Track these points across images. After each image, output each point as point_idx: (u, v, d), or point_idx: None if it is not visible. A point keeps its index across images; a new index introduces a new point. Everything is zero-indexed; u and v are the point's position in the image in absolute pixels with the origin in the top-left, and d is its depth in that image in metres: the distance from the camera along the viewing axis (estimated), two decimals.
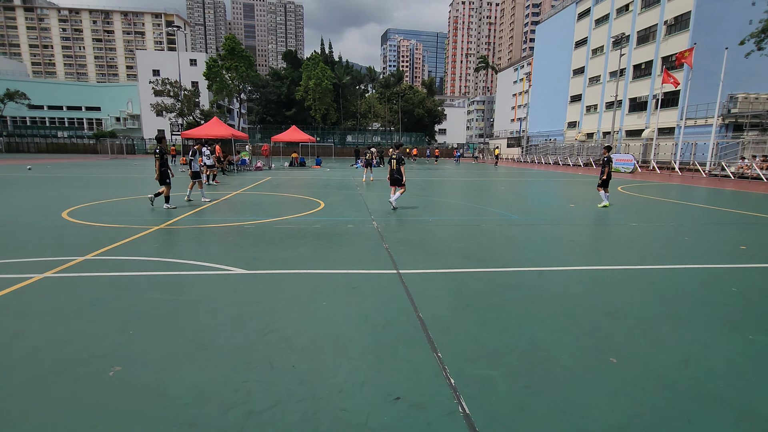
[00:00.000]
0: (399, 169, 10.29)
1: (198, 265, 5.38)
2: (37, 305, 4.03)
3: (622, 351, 3.27)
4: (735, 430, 2.37)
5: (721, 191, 17.26)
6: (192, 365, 2.96)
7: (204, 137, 27.80)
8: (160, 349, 3.18)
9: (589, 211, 10.88)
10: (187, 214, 9.37)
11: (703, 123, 34.95)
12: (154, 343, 3.29)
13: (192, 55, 74.58)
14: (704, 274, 5.43)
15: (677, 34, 39.01)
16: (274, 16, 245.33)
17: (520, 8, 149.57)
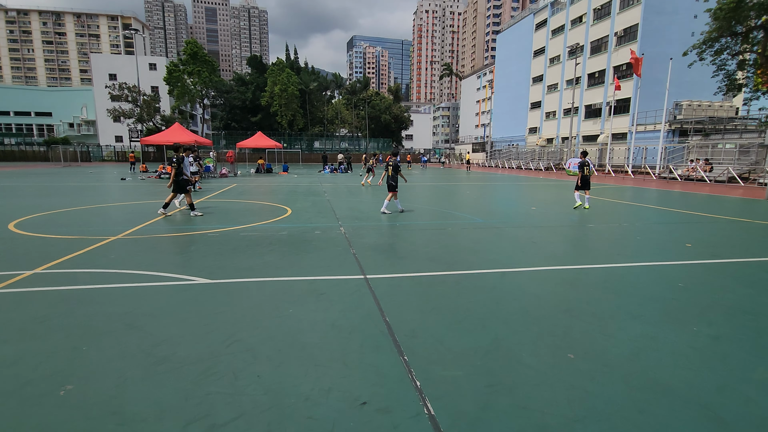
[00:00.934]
0: (395, 176, 10.65)
1: (158, 276, 5.19)
2: None
3: (579, 347, 3.42)
4: (680, 417, 2.53)
5: (669, 193, 18.35)
6: (150, 380, 2.85)
7: (165, 143, 26.95)
8: (116, 365, 3.05)
9: (550, 214, 11.31)
10: (147, 223, 9.02)
11: (652, 129, 37.11)
12: (108, 359, 3.15)
13: (151, 59, 72.15)
14: (654, 271, 5.76)
15: (627, 44, 41.34)
16: (238, 20, 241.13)
17: (482, 18, 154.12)
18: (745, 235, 8.64)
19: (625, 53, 41.17)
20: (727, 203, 14.35)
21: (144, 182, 21.51)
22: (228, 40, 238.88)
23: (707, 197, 16.37)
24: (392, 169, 10.67)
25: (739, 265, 6.07)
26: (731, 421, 2.48)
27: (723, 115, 34.79)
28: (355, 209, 11.79)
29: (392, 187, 10.71)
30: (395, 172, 10.69)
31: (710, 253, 6.75)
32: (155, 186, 19.16)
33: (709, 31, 28.74)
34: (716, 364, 3.17)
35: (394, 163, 10.74)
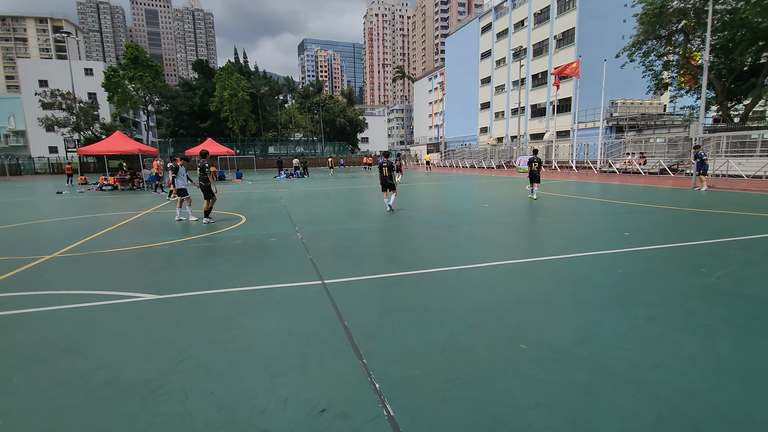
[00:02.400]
0: (391, 175, 11.34)
1: (100, 295, 4.87)
2: None
3: (530, 337, 3.56)
4: (622, 395, 2.70)
5: (609, 185, 19.58)
6: (92, 407, 2.66)
7: (105, 153, 25.36)
8: (51, 394, 2.82)
9: (502, 210, 11.72)
10: (88, 238, 8.43)
11: (592, 126, 39.47)
12: (42, 388, 2.91)
13: (87, 63, 67.57)
14: (596, 259, 6.12)
15: (565, 47, 43.75)
16: (182, 23, 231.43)
17: (430, 21, 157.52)
18: (675, 222, 9.38)
19: (565, 55, 43.56)
20: (660, 193, 15.52)
21: (83, 195, 20.10)
22: (172, 43, 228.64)
23: (642, 188, 17.62)
24: (387, 170, 11.29)
25: (670, 250, 6.58)
26: (667, 395, 2.68)
27: (653, 111, 37.67)
28: (312, 214, 11.65)
29: (391, 186, 11.41)
30: (390, 171, 11.32)
31: (646, 240, 7.27)
32: (96, 199, 17.97)
33: (637, 35, 31.03)
34: (652, 343, 3.41)
35: (389, 164, 11.36)
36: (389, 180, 11.34)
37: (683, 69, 31.52)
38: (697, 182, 16.83)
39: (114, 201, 16.90)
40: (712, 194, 14.67)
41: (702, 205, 11.81)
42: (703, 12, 25.84)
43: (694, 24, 28.40)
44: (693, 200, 13.09)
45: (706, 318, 3.89)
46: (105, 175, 25.33)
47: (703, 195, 14.48)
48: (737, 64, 28.59)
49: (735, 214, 10.07)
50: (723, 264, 5.67)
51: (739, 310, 4.06)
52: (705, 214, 10.27)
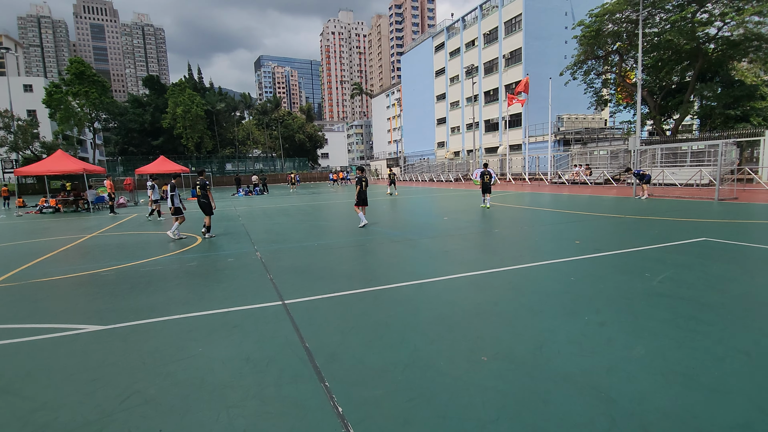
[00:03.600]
0: (365, 190, 11.54)
1: (36, 329, 4.48)
2: None
3: (490, 348, 3.62)
4: (578, 402, 2.79)
5: (559, 196, 20.56)
6: None
7: (46, 173, 23.68)
8: None
9: (461, 223, 11.98)
10: (24, 266, 7.76)
11: (541, 140, 41.51)
12: None
13: (26, 79, 63.47)
14: (550, 268, 6.36)
15: (514, 66, 46.05)
16: (130, 38, 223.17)
17: (386, 40, 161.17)
18: (620, 229, 9.96)
19: (514, 73, 45.80)
20: (605, 202, 16.48)
21: (21, 219, 18.59)
22: (120, 58, 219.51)
23: (589, 198, 18.64)
24: (365, 184, 11.53)
25: (617, 256, 6.96)
26: (617, 398, 2.80)
27: (595, 126, 40.20)
28: (271, 232, 11.38)
29: (365, 201, 11.56)
30: (366, 186, 11.57)
31: (594, 248, 7.66)
32: (36, 222, 16.67)
33: (577, 55, 33.25)
34: (604, 348, 3.57)
35: (366, 179, 11.68)
36: (364, 195, 11.44)
37: (620, 86, 34.04)
38: (638, 191, 18.03)
39: (56, 224, 15.75)
40: (651, 202, 15.75)
41: (643, 213, 12.64)
42: (635, 35, 28.13)
43: (628, 45, 30.86)
44: (635, 208, 13.98)
45: (650, 320, 4.12)
46: (46, 197, 23.61)
47: (643, 203, 15.51)
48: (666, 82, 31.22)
49: (672, 220, 10.85)
50: (664, 268, 6.06)
51: (680, 311, 4.33)
52: (646, 221, 10.99)
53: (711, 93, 28.04)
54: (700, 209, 13.01)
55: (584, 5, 39.88)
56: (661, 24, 28.61)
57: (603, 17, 29.76)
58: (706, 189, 20.20)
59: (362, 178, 11.55)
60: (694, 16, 26.16)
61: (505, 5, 46.55)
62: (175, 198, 10.92)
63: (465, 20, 54.74)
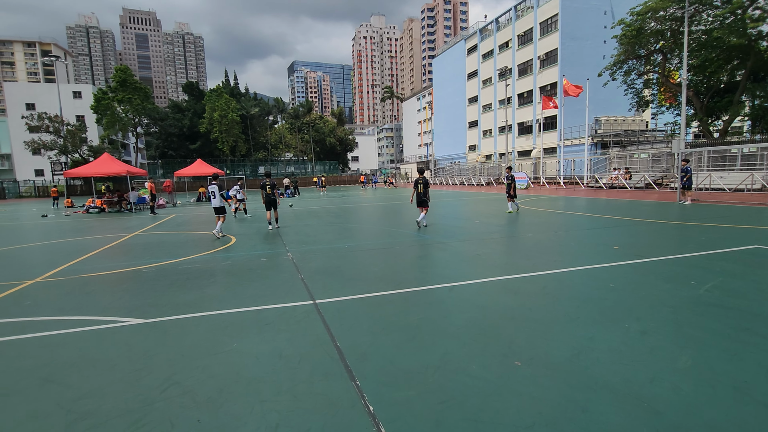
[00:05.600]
0: (426, 192, 11.43)
1: (82, 320, 4.73)
2: None
3: (524, 353, 3.52)
4: (619, 411, 2.66)
5: (596, 200, 19.85)
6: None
7: (93, 175, 25.09)
8: (30, 427, 2.69)
9: (492, 227, 11.77)
10: (72, 262, 8.24)
11: (577, 143, 40.28)
12: (18, 421, 2.78)
13: (76, 87, 67.60)
14: (587, 274, 6.13)
15: (549, 67, 44.97)
16: (171, 47, 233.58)
17: (417, 43, 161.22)
18: (662, 235, 9.50)
19: (549, 74, 44.73)
20: (646, 207, 15.77)
21: (69, 218, 19.76)
22: (162, 66, 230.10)
23: (629, 203, 17.89)
24: (423, 186, 11.42)
25: (659, 263, 6.63)
26: (663, 410, 2.65)
27: (636, 128, 38.61)
28: (302, 233, 11.57)
29: (424, 203, 11.52)
30: (425, 188, 11.46)
31: (634, 254, 7.33)
32: (82, 221, 17.68)
33: (617, 55, 32.05)
34: (646, 357, 3.40)
35: (424, 180, 11.51)
36: (423, 197, 11.45)
37: (663, 87, 32.56)
38: (681, 196, 17.16)
39: (100, 223, 16.63)
40: (696, 207, 14.95)
41: (687, 219, 12.01)
42: (680, 33, 26.86)
43: (672, 44, 29.48)
44: (678, 214, 13.30)
45: (697, 330, 3.90)
46: (92, 198, 24.99)
47: (687, 208, 14.74)
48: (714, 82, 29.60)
49: (720, 227, 10.24)
50: (711, 276, 5.73)
51: (730, 322, 4.07)
52: (691, 227, 10.43)
53: (764, 93, 26.38)
54: (752, 215, 12.23)
55: (625, 4, 38.52)
56: (709, 21, 27.21)
57: (645, 15, 28.60)
58: (759, 194, 18.98)
59: (419, 180, 11.53)
60: (745, 12, 24.73)
61: (540, 6, 45.62)
62: (214, 198, 11.29)
63: (499, 22, 54.04)
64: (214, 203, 11.25)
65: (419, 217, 11.71)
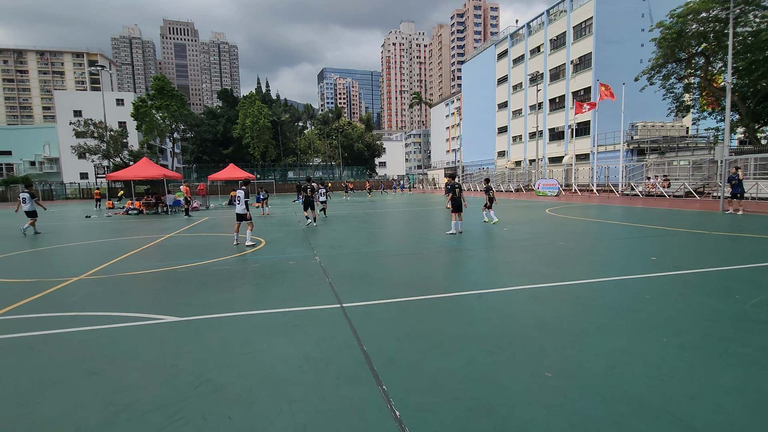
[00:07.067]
0: (461, 196, 11.63)
1: (121, 317, 4.95)
2: None
3: (554, 364, 3.44)
4: (655, 428, 2.55)
5: (632, 209, 19.13)
6: (110, 430, 2.67)
7: (132, 179, 26.30)
8: (72, 417, 2.84)
9: (522, 234, 11.54)
10: (112, 261, 8.65)
11: (612, 149, 39.00)
12: (64, 410, 2.94)
13: (119, 94, 71.15)
14: (622, 285, 5.92)
15: (582, 72, 43.87)
16: (207, 55, 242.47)
17: (446, 49, 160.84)
18: (704, 246, 9.05)
19: (583, 79, 43.64)
20: (686, 216, 15.06)
21: (110, 219, 20.76)
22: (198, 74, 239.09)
23: (667, 212, 17.14)
24: (458, 191, 11.62)
25: (700, 276, 6.32)
26: (702, 429, 2.52)
27: (675, 134, 37.02)
28: (330, 238, 11.71)
29: (460, 207, 11.55)
30: (461, 192, 11.67)
31: (672, 265, 7.02)
32: (122, 222, 18.52)
33: (656, 58, 30.89)
34: (685, 372, 3.24)
35: (459, 185, 11.74)
36: (461, 201, 11.55)
37: (705, 91, 31.10)
38: (726, 205, 16.29)
39: (139, 225, 17.38)
40: (743, 217, 14.15)
41: (733, 229, 11.39)
42: (724, 35, 25.66)
43: (715, 47, 28.17)
44: (722, 224, 12.64)
45: (741, 347, 3.69)
46: (131, 200, 26.15)
47: (737, 218, 13.97)
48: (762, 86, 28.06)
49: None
50: (758, 290, 5.41)
51: None
52: (736, 239, 9.89)
53: None
54: None
55: (664, 6, 37.17)
56: (756, 22, 25.85)
57: (686, 17, 27.45)
58: None
59: (455, 184, 11.68)
60: None
61: (574, 9, 44.67)
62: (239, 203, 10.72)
63: (530, 26, 53.26)
64: (238, 209, 10.68)
65: (451, 227, 11.74)
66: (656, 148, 34.75)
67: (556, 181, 34.34)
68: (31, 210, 14.20)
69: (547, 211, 18.49)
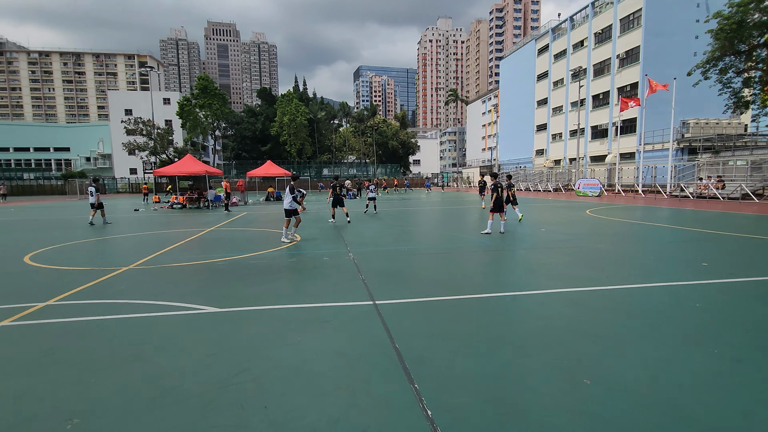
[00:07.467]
0: (501, 195, 11.36)
1: (166, 306, 5.21)
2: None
3: (592, 371, 3.31)
4: None
5: (681, 211, 18.09)
6: (155, 413, 2.82)
7: (177, 174, 27.54)
8: (121, 398, 3.03)
9: (559, 235, 11.18)
10: (158, 253, 9.12)
11: (660, 147, 36.99)
12: (114, 391, 3.13)
13: (165, 94, 74.66)
14: (668, 291, 5.61)
15: (629, 66, 41.81)
16: (248, 55, 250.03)
17: (484, 45, 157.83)
18: (763, 253, 8.42)
19: (629, 74, 41.60)
20: (743, 220, 14.08)
21: (156, 213, 21.88)
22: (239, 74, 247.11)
23: (721, 215, 16.09)
24: (502, 190, 11.36)
25: (757, 284, 5.90)
26: None
27: (732, 132, 34.59)
28: (363, 235, 11.80)
29: (501, 208, 11.28)
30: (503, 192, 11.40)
31: (727, 272, 6.58)
32: (167, 216, 19.47)
33: (712, 51, 28.97)
34: (738, 387, 3.04)
35: (502, 185, 11.45)
36: (502, 201, 11.26)
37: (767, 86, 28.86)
38: None
39: (182, 219, 18.20)
40: None
41: None
42: None
43: None
44: None
45: None
46: (176, 195, 27.42)
47: None
48: None
49: None
50: None
51: None
52: None
53: None
54: None
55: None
56: None
57: (748, 6, 25.57)
58: None
59: (498, 184, 11.40)
60: None
61: (621, 1, 42.62)
62: (287, 198, 10.73)
63: (573, 20, 51.32)
64: (286, 205, 10.66)
65: (487, 227, 11.45)
66: (710, 146, 32.63)
67: (598, 180, 32.99)
68: (96, 202, 15.49)
69: (588, 212, 17.81)
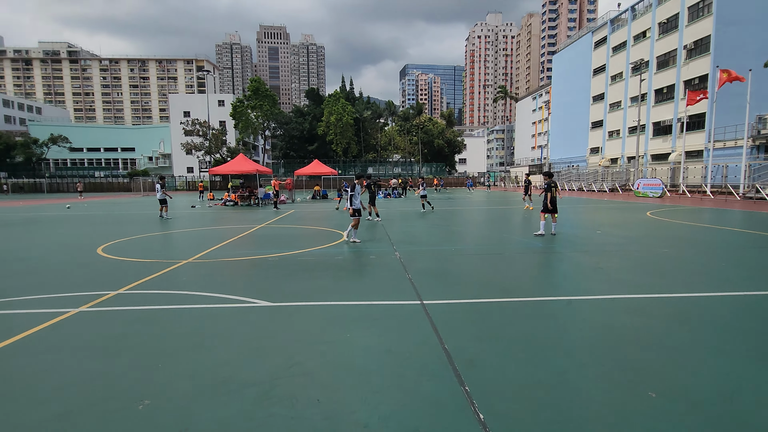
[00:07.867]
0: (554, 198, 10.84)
1: (223, 298, 5.48)
2: (71, 340, 4.17)
3: (657, 384, 3.10)
4: None
5: (757, 214, 16.53)
6: (215, 399, 2.97)
7: (230, 173, 28.90)
8: (185, 384, 3.22)
9: (617, 238, 10.58)
10: (214, 247, 9.62)
11: (732, 145, 33.99)
12: (179, 377, 3.33)
13: (220, 96, 78.57)
14: (742, 301, 5.15)
15: (698, 57, 38.75)
16: (297, 57, 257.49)
17: (536, 40, 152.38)
18: None
19: (698, 66, 38.58)
20: None
21: (211, 209, 23.09)
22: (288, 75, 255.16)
23: None
24: (556, 189, 10.91)
25: None
26: None
27: None
28: (409, 234, 11.79)
29: (555, 209, 10.83)
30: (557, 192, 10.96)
31: None
32: (221, 213, 20.50)
33: None
34: None
35: (556, 184, 10.99)
36: (552, 203, 10.67)
37: None
38: None
39: (234, 216, 19.08)
40: None
41: None
42: None
43: None
44: None
45: None
46: (228, 192, 28.79)
47: None
48: None
49: None
50: None
51: None
52: None
53: None
54: None
55: None
56: None
57: None
58: None
59: (551, 183, 10.87)
60: None
61: None
62: (355, 198, 10.18)
63: (635, 9, 48.27)
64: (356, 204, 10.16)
65: (540, 228, 10.87)
66: None
67: (660, 180, 30.86)
68: (162, 198, 17.39)
69: (649, 214, 16.72)
